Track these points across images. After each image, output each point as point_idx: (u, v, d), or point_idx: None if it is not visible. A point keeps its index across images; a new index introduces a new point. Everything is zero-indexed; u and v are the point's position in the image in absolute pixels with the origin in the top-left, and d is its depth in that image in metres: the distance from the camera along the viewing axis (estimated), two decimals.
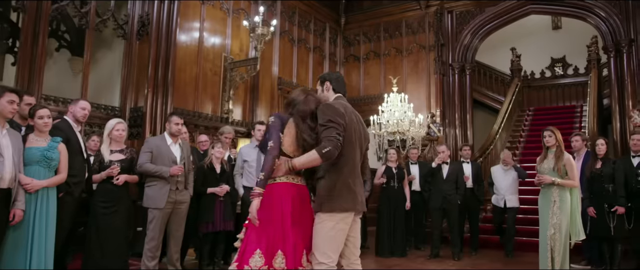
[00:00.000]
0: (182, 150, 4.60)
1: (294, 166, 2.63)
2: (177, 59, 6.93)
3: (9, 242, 3.38)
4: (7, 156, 3.27)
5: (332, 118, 2.64)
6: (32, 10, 5.77)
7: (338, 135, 2.60)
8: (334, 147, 2.56)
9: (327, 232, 2.63)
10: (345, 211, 2.69)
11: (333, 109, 2.69)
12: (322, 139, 2.58)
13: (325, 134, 2.59)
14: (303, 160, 2.61)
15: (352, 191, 2.69)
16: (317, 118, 2.66)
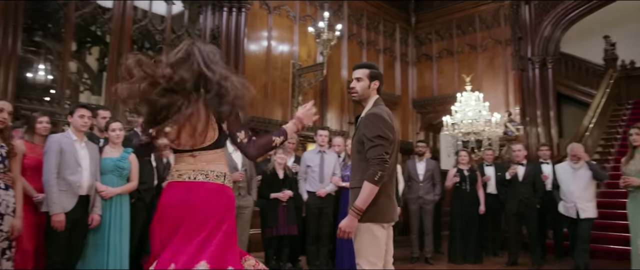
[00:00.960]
0: (243, 157, 4.76)
1: (360, 209, 2.44)
2: (247, 68, 7.21)
3: (90, 244, 3.73)
4: (85, 166, 3.61)
5: (382, 133, 2.50)
6: (116, 31, 6.32)
7: (386, 153, 2.48)
8: (384, 170, 2.45)
9: (371, 241, 2.57)
10: (387, 222, 2.62)
11: (383, 122, 2.54)
12: (370, 160, 2.44)
13: (373, 154, 2.45)
14: (363, 198, 2.43)
15: (392, 201, 2.62)
16: (362, 127, 2.54)
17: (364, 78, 2.63)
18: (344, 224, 2.47)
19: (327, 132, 5.55)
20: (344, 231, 2.48)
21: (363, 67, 2.68)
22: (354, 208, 2.46)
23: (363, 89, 2.64)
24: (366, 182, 2.44)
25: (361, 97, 2.66)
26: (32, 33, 8.14)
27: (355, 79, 2.65)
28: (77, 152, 3.58)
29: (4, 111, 3.12)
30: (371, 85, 2.64)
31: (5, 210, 3.08)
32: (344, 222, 2.48)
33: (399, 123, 9.75)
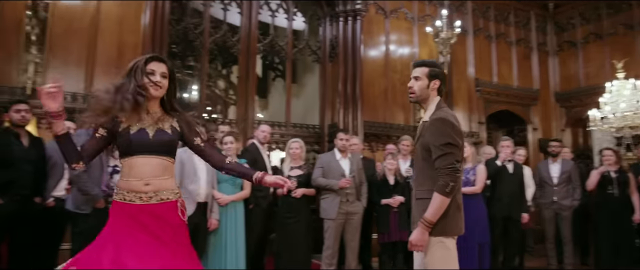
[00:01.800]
0: (351, 164, 4.85)
1: (431, 222, 2.31)
2: (365, 74, 7.28)
3: (210, 246, 4.18)
4: (201, 177, 4.08)
5: (452, 140, 2.35)
6: (244, 51, 6.96)
7: (457, 162, 2.34)
8: (456, 181, 2.32)
9: (444, 255, 2.42)
10: (457, 234, 2.46)
11: (452, 127, 2.38)
12: (439, 170, 2.30)
13: (443, 163, 2.30)
14: (434, 210, 2.30)
15: (461, 212, 2.44)
16: (428, 133, 2.40)
17: (422, 77, 2.48)
18: (415, 238, 2.34)
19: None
20: (415, 245, 2.35)
21: (422, 64, 2.53)
22: (424, 221, 2.32)
23: (421, 89, 2.48)
24: (437, 194, 2.31)
25: (419, 98, 2.50)
26: (185, 58, 9.40)
27: (413, 78, 2.50)
28: (196, 164, 4.06)
29: None
30: (430, 84, 2.47)
31: None
32: (414, 236, 2.34)
33: (539, 120, 8.85)
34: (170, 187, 2.18)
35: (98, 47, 5.65)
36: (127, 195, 2.09)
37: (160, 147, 2.14)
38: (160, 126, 2.17)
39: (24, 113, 3.80)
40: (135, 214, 2.08)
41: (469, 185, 4.95)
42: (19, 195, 3.60)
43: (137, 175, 2.09)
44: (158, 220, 2.11)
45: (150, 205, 2.10)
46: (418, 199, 2.43)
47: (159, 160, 2.14)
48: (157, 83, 2.13)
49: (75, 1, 5.62)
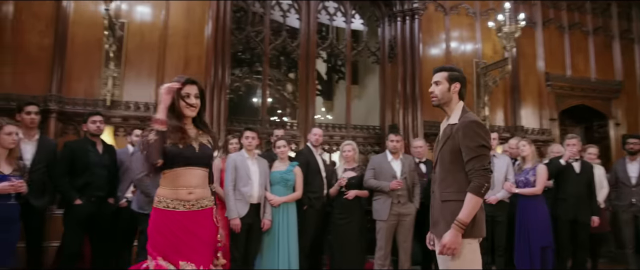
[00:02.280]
0: (403, 165, 4.83)
1: (465, 223, 2.31)
2: (425, 73, 7.16)
3: (264, 245, 4.40)
4: (254, 179, 4.30)
5: (485, 143, 2.39)
6: (303, 56, 7.14)
7: (489, 163, 2.38)
8: (489, 181, 2.34)
9: (473, 257, 2.41)
10: (483, 235, 2.43)
11: (484, 130, 2.42)
12: (474, 171, 2.33)
13: (476, 165, 2.33)
14: (468, 212, 2.31)
15: (483, 212, 2.41)
16: (460, 136, 2.39)
17: (442, 81, 2.55)
18: (450, 240, 2.31)
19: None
20: (449, 248, 2.32)
21: (441, 70, 2.61)
22: (459, 222, 2.31)
23: (442, 93, 2.54)
24: (471, 194, 2.32)
25: (441, 101, 2.55)
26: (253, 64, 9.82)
27: (434, 83, 2.58)
28: (249, 168, 4.30)
29: None
30: (451, 88, 2.53)
31: None
32: (449, 238, 2.32)
33: (622, 114, 8.16)
34: (208, 196, 2.47)
35: (167, 60, 6.13)
36: (171, 203, 2.37)
37: (204, 160, 2.44)
38: (202, 141, 2.46)
39: (99, 124, 4.25)
40: (180, 220, 2.35)
41: (528, 186, 4.75)
42: (95, 196, 4.05)
43: (183, 185, 2.36)
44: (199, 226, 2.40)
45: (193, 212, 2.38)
46: (445, 201, 2.42)
47: (201, 172, 2.43)
48: (193, 105, 2.42)
49: (146, 19, 6.13)
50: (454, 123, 2.48)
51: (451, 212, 2.36)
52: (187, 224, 2.34)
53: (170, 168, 2.36)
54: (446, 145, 2.47)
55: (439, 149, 2.52)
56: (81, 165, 4.01)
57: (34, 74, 5.58)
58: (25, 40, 5.61)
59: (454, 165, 2.42)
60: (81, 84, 5.74)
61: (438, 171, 2.52)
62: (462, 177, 2.39)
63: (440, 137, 2.56)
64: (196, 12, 6.30)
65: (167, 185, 2.39)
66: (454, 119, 2.49)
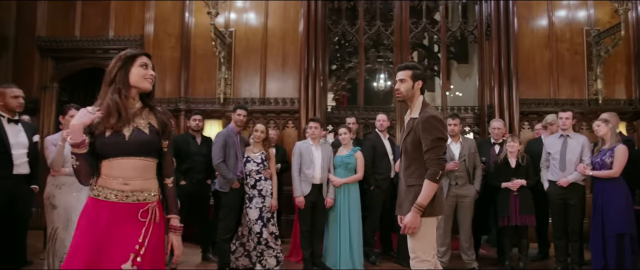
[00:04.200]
0: (462, 148, 4.94)
1: (422, 206, 2.61)
2: (523, 49, 6.87)
3: (329, 220, 5.02)
4: (317, 163, 4.94)
5: (442, 135, 2.68)
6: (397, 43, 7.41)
7: (444, 153, 2.68)
8: (443, 169, 2.66)
9: (429, 235, 2.72)
10: (441, 214, 2.71)
11: (441, 124, 2.70)
12: (430, 160, 2.62)
13: (433, 155, 2.63)
14: (425, 195, 2.61)
15: (442, 192, 2.67)
16: (420, 129, 2.66)
17: (407, 79, 2.77)
18: (410, 221, 2.65)
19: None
20: (410, 228, 2.67)
21: (405, 68, 2.82)
22: (418, 205, 2.65)
23: (407, 90, 2.77)
24: (428, 181, 2.65)
25: (405, 97, 2.80)
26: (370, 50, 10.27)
27: (399, 80, 2.80)
28: (312, 153, 4.94)
29: (259, 130, 4.81)
30: (415, 85, 2.78)
31: (267, 194, 4.77)
32: (409, 219, 2.66)
33: None
34: (151, 189, 2.08)
35: (268, 59, 7.09)
36: (102, 192, 2.01)
37: (139, 148, 2.05)
38: (139, 124, 2.08)
39: (199, 121, 5.35)
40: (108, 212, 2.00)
41: (604, 168, 4.44)
42: (195, 178, 5.16)
43: (118, 176, 2.02)
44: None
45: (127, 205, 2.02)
46: (409, 186, 2.74)
47: (139, 162, 2.05)
48: (152, 76, 2.13)
49: (251, 24, 7.16)
50: (415, 117, 2.76)
51: (414, 196, 2.68)
52: (115, 217, 1.98)
53: (105, 158, 2.03)
54: (409, 136, 2.77)
55: (403, 139, 2.83)
56: (183, 154, 5.15)
57: (168, 80, 7.06)
58: (162, 54, 7.11)
59: (415, 154, 2.73)
60: (201, 86, 7.06)
61: (403, 159, 2.83)
62: (422, 165, 2.69)
63: (405, 129, 2.85)
64: (291, 14, 7.11)
65: (103, 174, 2.03)
66: (415, 113, 2.77)
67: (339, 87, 10.49)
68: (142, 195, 2.05)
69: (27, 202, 3.69)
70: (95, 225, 1.95)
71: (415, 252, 2.73)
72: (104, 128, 2.01)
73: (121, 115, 2.02)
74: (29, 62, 7.19)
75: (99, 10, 7.20)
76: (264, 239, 4.70)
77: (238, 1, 7.23)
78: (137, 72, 2.08)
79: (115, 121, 2.01)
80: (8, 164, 3.47)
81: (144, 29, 7.16)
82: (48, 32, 7.24)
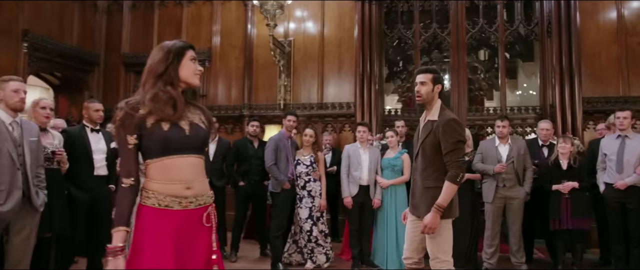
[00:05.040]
0: (510, 150, 4.89)
1: (443, 207, 2.72)
2: (587, 45, 6.57)
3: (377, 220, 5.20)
4: (364, 165, 5.15)
5: (462, 138, 2.81)
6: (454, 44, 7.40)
7: (465, 156, 2.82)
8: (464, 171, 2.81)
9: (448, 236, 2.85)
10: (457, 216, 2.82)
11: (461, 127, 2.84)
12: (451, 163, 2.75)
13: (453, 157, 2.76)
14: (446, 196, 2.72)
15: (456, 197, 2.77)
16: (441, 132, 2.78)
17: (428, 82, 2.88)
18: (431, 221, 2.76)
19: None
20: (430, 228, 2.77)
21: (426, 71, 2.92)
22: (438, 206, 2.77)
23: (427, 93, 2.88)
24: (449, 183, 2.78)
25: (425, 100, 2.89)
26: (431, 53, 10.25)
27: (419, 83, 2.89)
28: (360, 156, 5.17)
29: (308, 135, 5.12)
30: (435, 88, 2.88)
31: (316, 194, 5.07)
32: (429, 220, 2.77)
33: None
34: (207, 191, 1.96)
35: (325, 65, 7.41)
36: (163, 200, 1.82)
37: (197, 144, 1.92)
38: (193, 119, 1.94)
39: (256, 127, 5.79)
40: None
41: None
42: (253, 180, 5.59)
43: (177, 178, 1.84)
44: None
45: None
46: (426, 188, 2.87)
47: (195, 160, 1.91)
48: (201, 71, 2.01)
49: (309, 32, 7.52)
50: (434, 119, 2.88)
51: (432, 197, 2.81)
52: (182, 226, 1.82)
53: (155, 157, 1.84)
54: (428, 139, 2.88)
55: (421, 142, 2.93)
56: (242, 157, 5.61)
57: (233, 88, 7.63)
58: (227, 64, 7.70)
59: (434, 156, 2.86)
60: (263, 93, 7.55)
61: (420, 161, 2.95)
62: (441, 167, 2.83)
63: (421, 132, 2.96)
64: (345, 22, 7.40)
65: (158, 178, 1.84)
66: (434, 116, 2.89)
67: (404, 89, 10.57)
68: (203, 199, 1.90)
69: (107, 200, 4.28)
70: (167, 240, 1.77)
71: (435, 254, 2.85)
72: (154, 121, 1.82)
73: (178, 106, 1.86)
74: (116, 76, 8.12)
75: (173, 29, 7.95)
76: (314, 236, 5.01)
77: (297, 11, 7.63)
78: (188, 66, 1.93)
79: (171, 112, 1.84)
80: (90, 167, 4.08)
81: (211, 42, 7.79)
82: (131, 49, 8.14)
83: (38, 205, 3.26)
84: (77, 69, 7.80)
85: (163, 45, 1.96)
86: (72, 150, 3.94)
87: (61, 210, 3.75)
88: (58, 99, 7.95)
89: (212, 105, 7.60)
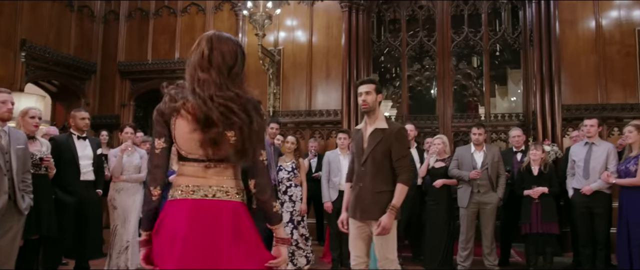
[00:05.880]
0: (485, 156, 5.07)
1: (397, 208, 2.95)
2: (567, 54, 6.74)
3: None
4: (344, 171, 5.33)
5: (410, 145, 3.06)
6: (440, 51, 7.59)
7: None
8: (414, 174, 3.04)
9: (395, 235, 3.06)
10: (400, 217, 3.04)
11: (408, 135, 3.07)
12: (403, 167, 2.99)
13: (405, 162, 3.02)
14: (400, 198, 2.96)
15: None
16: (394, 140, 3.00)
17: (372, 92, 3.07)
18: (388, 222, 2.95)
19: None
20: (388, 229, 2.95)
21: (369, 82, 3.11)
22: (393, 207, 2.98)
23: (373, 102, 3.07)
24: (402, 185, 3.00)
25: (371, 108, 3.07)
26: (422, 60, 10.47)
27: (365, 93, 3.06)
28: (340, 162, 5.35)
29: (290, 142, 5.32)
30: (377, 98, 3.09)
31: (297, 199, 5.26)
32: (386, 220, 2.94)
33: None
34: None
35: (313, 73, 7.62)
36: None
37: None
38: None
39: None
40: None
41: (629, 176, 4.38)
42: None
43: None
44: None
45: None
46: (378, 192, 3.03)
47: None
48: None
49: (299, 41, 7.74)
50: (384, 128, 3.06)
51: (387, 200, 2.99)
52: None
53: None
54: (379, 146, 3.04)
55: (371, 149, 3.06)
56: None
57: None
58: None
59: (385, 163, 3.05)
60: None
61: (369, 167, 3.06)
62: (390, 172, 3.04)
63: (368, 139, 3.09)
64: (334, 31, 7.60)
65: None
66: (382, 124, 3.06)
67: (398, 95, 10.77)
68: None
69: (94, 203, 4.49)
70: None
71: (385, 254, 3.03)
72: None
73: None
74: (111, 84, 8.37)
75: (167, 38, 8.20)
76: (294, 240, 5.19)
77: (287, 20, 7.85)
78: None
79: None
80: (77, 172, 4.30)
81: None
82: (126, 57, 8.38)
83: (23, 209, 3.46)
84: (74, 77, 8.06)
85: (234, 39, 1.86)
86: (60, 157, 4.16)
87: (48, 214, 3.95)
88: (55, 107, 8.21)
89: None
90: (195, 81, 1.67)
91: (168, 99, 1.72)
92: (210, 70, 1.68)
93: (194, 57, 1.72)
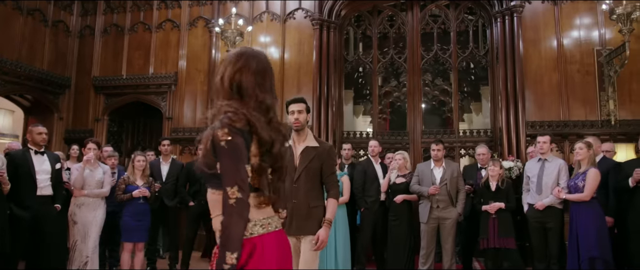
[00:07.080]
0: (444, 172, 5.17)
1: (332, 221, 3.02)
2: (530, 72, 6.91)
3: None
4: None
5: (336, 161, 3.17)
6: (410, 68, 7.74)
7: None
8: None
9: (317, 262, 3.12)
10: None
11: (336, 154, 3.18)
12: (333, 183, 3.10)
13: (335, 178, 3.14)
14: (334, 212, 3.04)
15: None
16: (326, 157, 3.11)
17: (303, 111, 3.15)
18: (326, 235, 3.00)
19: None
20: (325, 242, 3.00)
21: (300, 101, 3.18)
22: (329, 221, 3.04)
23: (304, 120, 3.16)
24: (334, 200, 3.09)
25: (302, 126, 3.14)
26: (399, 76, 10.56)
27: (297, 111, 3.13)
28: None
29: None
30: (307, 117, 3.20)
31: None
32: (324, 233, 2.99)
33: None
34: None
35: (284, 89, 7.69)
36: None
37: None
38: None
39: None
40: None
41: (578, 192, 4.49)
42: (203, 200, 5.77)
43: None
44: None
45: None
46: (313, 207, 3.09)
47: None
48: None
49: (270, 59, 7.83)
50: (315, 146, 3.13)
51: (321, 214, 3.07)
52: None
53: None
54: (312, 163, 3.10)
55: (304, 166, 3.10)
56: (193, 179, 5.85)
57: (198, 111, 7.90)
58: (193, 88, 7.97)
59: (317, 179, 3.14)
60: None
61: (303, 184, 3.10)
62: (320, 187, 3.16)
63: (299, 157, 3.12)
64: (305, 48, 7.71)
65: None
66: (312, 142, 3.14)
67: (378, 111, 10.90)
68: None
69: (52, 218, 4.50)
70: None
71: (312, 267, 3.07)
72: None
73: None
74: (86, 98, 8.39)
75: (142, 53, 8.26)
76: None
77: (260, 37, 7.96)
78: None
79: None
80: (33, 187, 4.31)
81: (178, 66, 8.09)
82: (101, 72, 8.42)
83: None
84: (47, 92, 8.07)
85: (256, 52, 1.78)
86: (15, 172, 4.18)
87: (1, 229, 3.96)
88: (28, 121, 8.19)
89: (177, 127, 7.88)
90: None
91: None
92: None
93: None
